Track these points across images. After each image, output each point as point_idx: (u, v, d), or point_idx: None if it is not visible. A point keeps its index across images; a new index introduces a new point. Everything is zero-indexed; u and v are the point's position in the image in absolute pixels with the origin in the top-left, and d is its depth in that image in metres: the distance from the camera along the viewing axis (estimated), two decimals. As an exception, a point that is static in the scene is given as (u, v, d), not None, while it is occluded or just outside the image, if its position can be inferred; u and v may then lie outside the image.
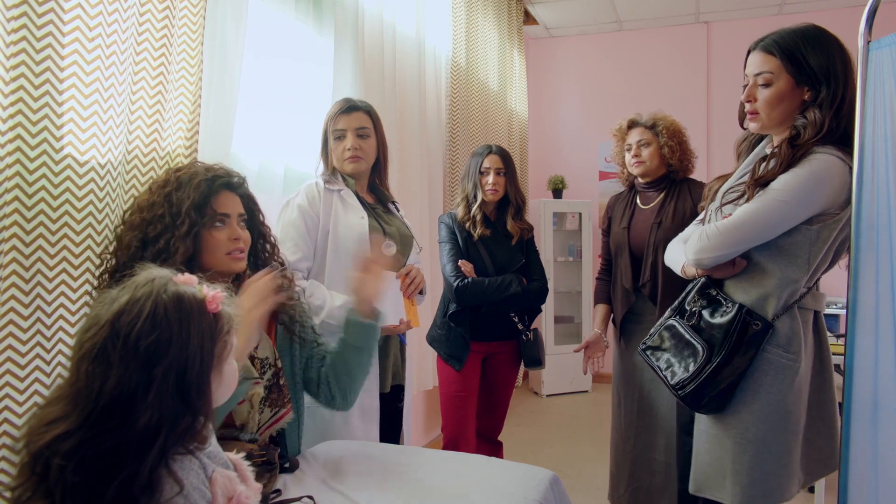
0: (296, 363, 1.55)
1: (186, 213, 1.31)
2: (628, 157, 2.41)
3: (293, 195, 1.95)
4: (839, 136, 1.42)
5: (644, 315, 2.34)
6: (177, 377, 0.81)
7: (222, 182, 1.39)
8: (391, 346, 2.02)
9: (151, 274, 0.89)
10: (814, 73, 1.43)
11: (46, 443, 0.78)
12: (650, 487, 2.29)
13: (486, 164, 2.48)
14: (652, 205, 2.38)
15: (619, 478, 2.45)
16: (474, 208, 2.46)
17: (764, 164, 1.47)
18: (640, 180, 2.43)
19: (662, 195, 2.37)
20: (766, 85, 1.47)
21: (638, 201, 2.44)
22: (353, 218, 1.93)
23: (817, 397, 1.50)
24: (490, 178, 2.46)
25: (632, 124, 2.43)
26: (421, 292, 2.09)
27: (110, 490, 0.76)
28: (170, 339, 0.81)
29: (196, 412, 0.83)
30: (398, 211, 2.14)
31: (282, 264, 1.56)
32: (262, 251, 1.52)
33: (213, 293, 0.89)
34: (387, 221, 2.03)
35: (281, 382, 1.47)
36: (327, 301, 1.84)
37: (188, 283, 0.90)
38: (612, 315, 2.47)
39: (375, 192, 2.10)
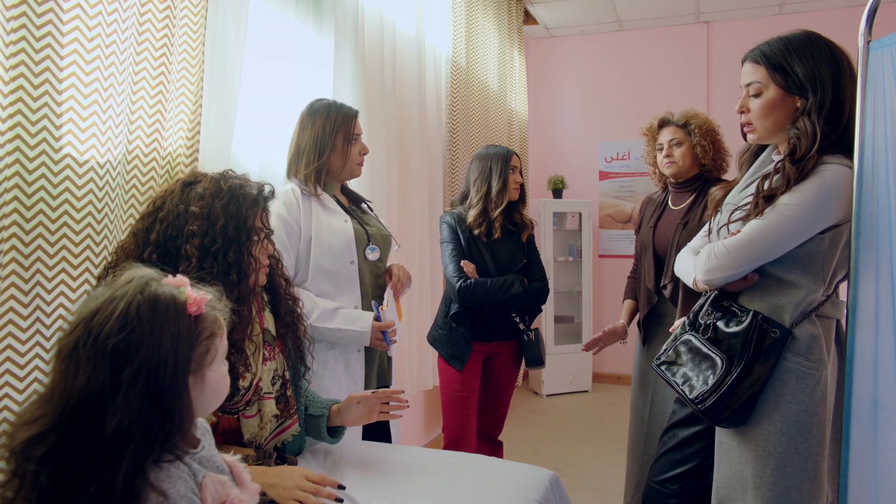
0: (299, 372, 1.55)
1: (244, 231, 1.29)
2: (660, 156, 2.35)
3: None
4: (842, 142, 1.40)
5: (665, 316, 2.30)
6: (147, 381, 0.78)
7: (265, 197, 1.37)
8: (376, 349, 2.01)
9: (134, 273, 0.86)
10: (800, 81, 1.42)
11: (21, 444, 0.77)
12: None
13: (513, 163, 2.48)
14: (682, 206, 2.32)
15: (632, 481, 2.44)
16: (496, 211, 2.44)
17: (768, 181, 1.44)
18: (672, 180, 2.38)
19: (693, 196, 2.31)
20: (757, 95, 1.47)
21: (669, 202, 2.40)
22: (337, 222, 1.90)
23: (841, 410, 1.44)
24: (516, 177, 2.48)
25: (663, 123, 2.37)
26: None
27: (85, 499, 0.74)
28: (140, 340, 0.79)
29: (170, 418, 0.80)
30: (371, 210, 2.13)
31: (287, 281, 1.54)
32: (272, 266, 1.49)
33: (196, 295, 0.87)
34: (366, 222, 2.02)
35: (288, 394, 1.45)
36: (316, 305, 1.83)
37: (178, 284, 0.87)
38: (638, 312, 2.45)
39: (346, 194, 2.09)
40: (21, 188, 1.22)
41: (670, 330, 1.89)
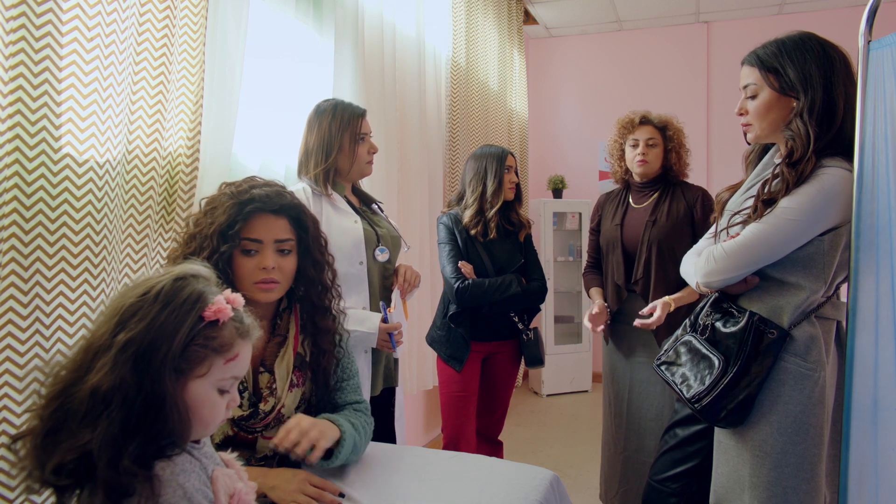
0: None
1: (210, 238, 1.25)
2: (632, 152, 2.39)
3: None
4: (840, 144, 1.40)
5: (634, 315, 2.34)
6: (137, 352, 0.80)
7: (255, 207, 1.28)
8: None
9: (190, 266, 0.90)
10: (792, 82, 1.43)
11: (48, 378, 0.82)
12: (641, 490, 2.30)
13: (508, 163, 2.48)
14: (645, 204, 2.39)
15: (611, 479, 2.47)
16: (492, 211, 2.44)
17: (767, 185, 1.45)
18: (636, 179, 2.43)
19: (657, 195, 2.38)
20: (754, 97, 1.50)
21: (631, 200, 2.46)
22: (347, 222, 1.90)
23: (841, 411, 1.44)
24: (512, 177, 2.48)
25: (644, 120, 2.41)
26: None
27: (59, 449, 0.77)
28: (145, 315, 0.82)
29: (157, 401, 0.80)
30: (381, 211, 2.13)
31: (329, 311, 1.42)
32: (312, 282, 1.38)
33: (222, 306, 0.87)
34: (376, 223, 2.02)
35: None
36: None
37: (231, 299, 0.88)
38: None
39: (357, 195, 2.09)
40: (20, 188, 1.22)
41: (637, 323, 1.98)
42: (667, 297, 2.17)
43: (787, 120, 1.45)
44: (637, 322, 2.13)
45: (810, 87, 1.41)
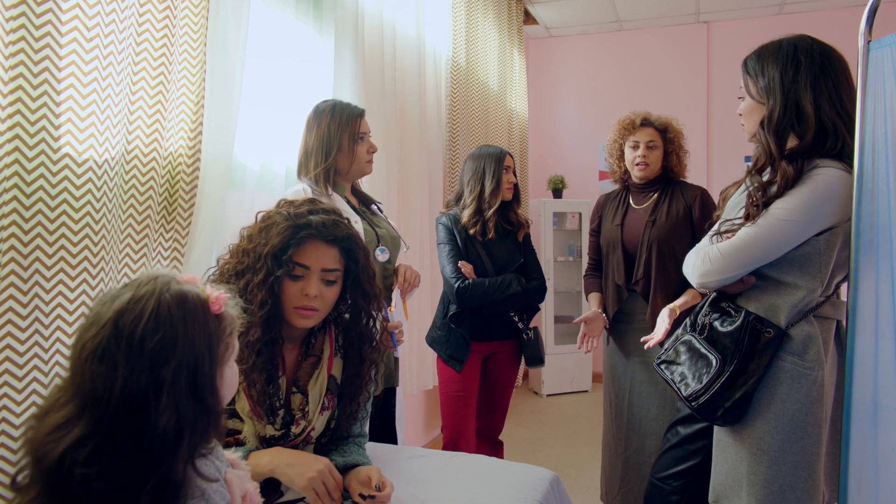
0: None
1: (265, 259, 1.25)
2: (632, 154, 2.40)
3: None
4: (826, 145, 1.41)
5: (634, 315, 2.37)
6: (188, 377, 0.79)
7: (309, 233, 1.27)
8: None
9: (153, 273, 0.86)
10: (760, 90, 1.47)
11: (62, 451, 0.74)
12: (642, 490, 2.30)
13: (506, 163, 2.48)
14: (646, 204, 2.40)
15: (612, 480, 2.47)
16: (490, 211, 2.44)
17: (761, 189, 1.47)
18: (636, 181, 2.43)
19: (656, 195, 2.39)
20: (742, 99, 1.54)
21: (631, 201, 2.46)
22: None
23: (841, 410, 1.45)
24: (510, 177, 2.48)
25: (645, 122, 2.41)
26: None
27: (143, 496, 0.74)
28: (175, 339, 0.79)
29: (212, 412, 0.82)
30: (381, 212, 2.14)
31: (369, 340, 1.41)
32: (361, 313, 1.38)
33: (216, 294, 0.88)
34: (376, 224, 2.03)
35: (323, 440, 1.43)
36: None
37: (191, 282, 0.87)
38: (604, 306, 2.49)
39: (357, 195, 2.09)
40: (20, 187, 1.22)
41: (653, 339, 2.00)
42: (672, 304, 2.17)
43: None
44: (648, 345, 2.12)
45: (771, 95, 1.44)
